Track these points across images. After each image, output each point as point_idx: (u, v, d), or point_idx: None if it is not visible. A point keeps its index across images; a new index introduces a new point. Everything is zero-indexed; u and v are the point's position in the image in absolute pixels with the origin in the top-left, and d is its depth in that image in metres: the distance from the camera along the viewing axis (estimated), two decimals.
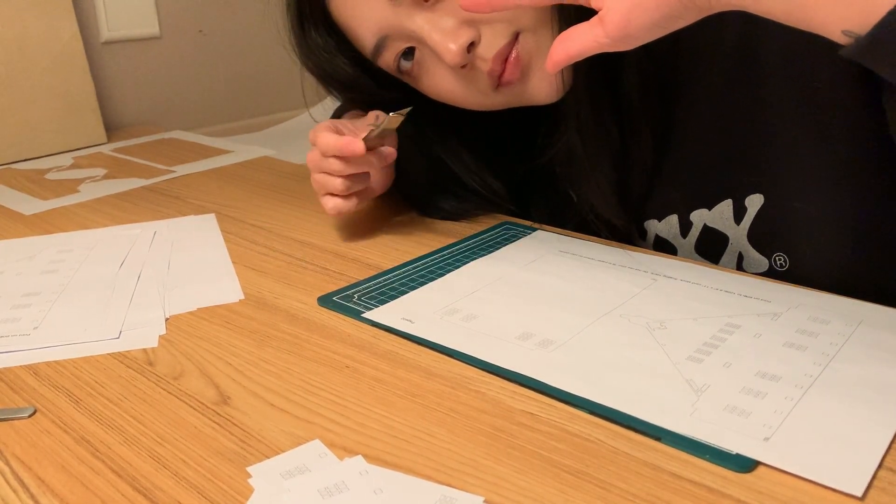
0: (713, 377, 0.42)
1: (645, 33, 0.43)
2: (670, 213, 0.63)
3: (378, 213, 0.73)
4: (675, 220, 0.62)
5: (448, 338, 0.48)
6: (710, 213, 0.60)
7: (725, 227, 0.60)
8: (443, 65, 0.58)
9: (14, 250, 0.68)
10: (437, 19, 0.56)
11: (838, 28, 0.37)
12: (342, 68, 0.65)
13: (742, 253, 0.59)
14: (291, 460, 0.37)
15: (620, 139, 0.61)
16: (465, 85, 0.59)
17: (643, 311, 0.50)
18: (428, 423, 0.40)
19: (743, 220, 0.58)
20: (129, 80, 1.22)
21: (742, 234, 0.59)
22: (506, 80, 0.57)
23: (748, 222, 0.58)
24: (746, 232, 0.58)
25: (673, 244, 0.63)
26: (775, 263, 0.57)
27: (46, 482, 0.37)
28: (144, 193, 0.84)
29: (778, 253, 0.57)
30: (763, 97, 0.56)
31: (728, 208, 0.59)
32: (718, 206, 0.60)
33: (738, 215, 0.59)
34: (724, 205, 0.59)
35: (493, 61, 0.56)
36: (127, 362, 0.47)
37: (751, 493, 0.34)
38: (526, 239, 0.64)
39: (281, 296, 0.56)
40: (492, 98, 0.60)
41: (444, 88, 0.61)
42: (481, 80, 0.58)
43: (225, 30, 1.32)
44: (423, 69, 0.61)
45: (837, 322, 0.47)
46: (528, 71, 0.57)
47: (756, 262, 0.59)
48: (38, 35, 1.05)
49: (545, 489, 0.34)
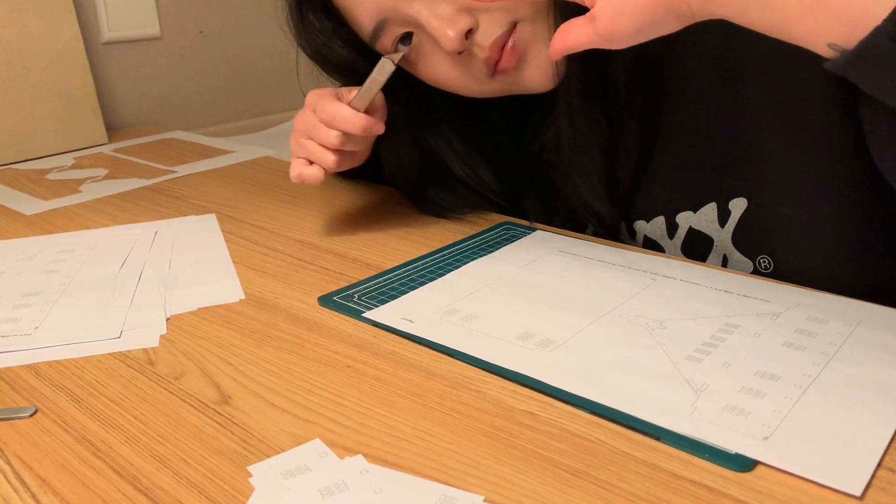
0: (712, 377, 0.42)
1: (629, 37, 0.44)
2: (657, 215, 0.63)
3: (378, 213, 0.73)
4: (662, 221, 0.63)
5: (448, 338, 0.48)
6: (696, 215, 0.61)
7: (710, 229, 0.60)
8: (440, 51, 0.59)
9: (15, 250, 0.68)
10: (436, 5, 0.57)
11: (823, 41, 0.37)
12: (339, 52, 0.65)
13: (727, 255, 0.60)
14: (292, 460, 0.37)
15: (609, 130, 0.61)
16: (461, 71, 0.60)
17: (643, 310, 0.50)
18: (428, 423, 0.40)
19: (727, 223, 0.59)
20: (129, 81, 1.23)
21: (727, 237, 0.59)
22: (501, 67, 0.58)
23: (732, 225, 0.59)
24: (731, 235, 0.59)
25: (661, 245, 0.64)
26: (759, 266, 0.58)
27: (47, 482, 0.37)
28: (145, 193, 0.84)
29: (762, 255, 0.58)
30: (745, 102, 0.57)
31: (712, 211, 0.60)
32: (703, 210, 0.60)
33: (722, 218, 0.59)
34: (709, 208, 0.60)
35: (490, 49, 0.57)
36: (128, 362, 0.48)
37: (750, 492, 0.34)
38: (526, 239, 0.64)
39: (281, 296, 0.56)
40: (487, 85, 0.60)
41: (440, 74, 0.61)
42: (477, 67, 0.59)
43: (225, 30, 1.32)
44: (421, 54, 0.61)
45: (836, 322, 0.47)
46: (524, 60, 0.58)
47: (740, 264, 0.59)
48: (39, 35, 1.05)
49: (545, 489, 0.35)
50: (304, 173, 0.63)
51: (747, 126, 0.57)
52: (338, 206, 0.76)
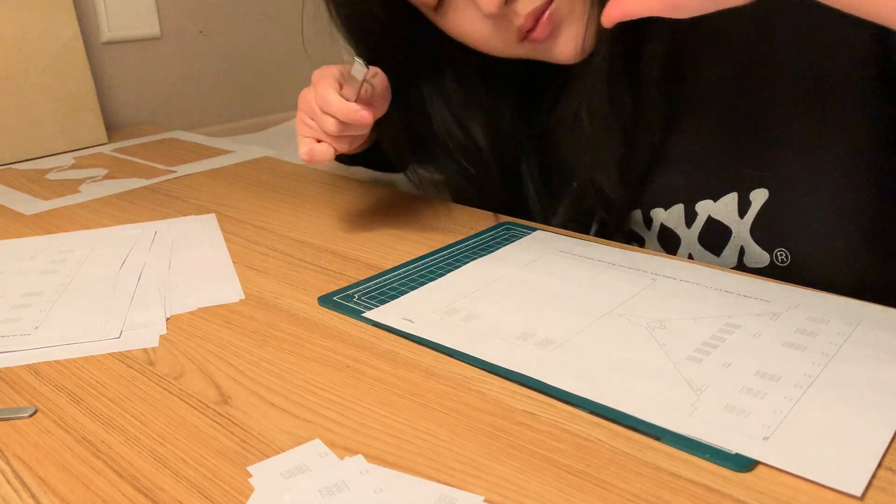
0: (712, 377, 0.42)
1: (698, 7, 0.43)
2: (676, 203, 0.63)
3: (378, 213, 0.73)
4: (681, 209, 0.63)
5: (448, 338, 0.48)
6: (715, 204, 0.60)
7: (729, 220, 0.60)
8: (474, 9, 0.59)
9: (15, 250, 0.68)
10: None
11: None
12: (374, 9, 0.64)
13: (744, 247, 0.59)
14: (292, 460, 0.37)
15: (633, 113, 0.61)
16: (491, 32, 0.60)
17: (643, 311, 0.50)
18: (428, 423, 0.40)
19: (747, 214, 0.59)
20: (129, 81, 1.22)
21: (745, 228, 0.59)
22: (534, 37, 0.58)
23: (752, 216, 0.58)
24: (749, 226, 0.59)
25: (677, 233, 0.64)
26: (776, 258, 0.58)
27: (47, 482, 0.37)
28: (145, 193, 0.84)
29: (780, 248, 0.57)
30: (770, 94, 0.56)
31: (733, 201, 0.59)
32: (723, 199, 0.60)
33: (742, 209, 0.59)
34: (729, 198, 0.60)
35: (527, 18, 0.57)
36: (128, 362, 0.48)
37: (750, 492, 0.34)
38: (526, 239, 0.64)
39: (281, 296, 0.56)
40: (514, 49, 0.61)
41: (468, 30, 0.61)
42: (509, 32, 0.59)
43: (225, 30, 1.32)
44: (453, 7, 0.61)
45: (836, 322, 0.47)
46: (557, 31, 0.58)
47: (757, 256, 0.59)
48: (39, 35, 1.05)
49: (545, 489, 0.35)
50: (315, 150, 0.62)
51: (771, 117, 0.57)
52: (338, 206, 0.76)
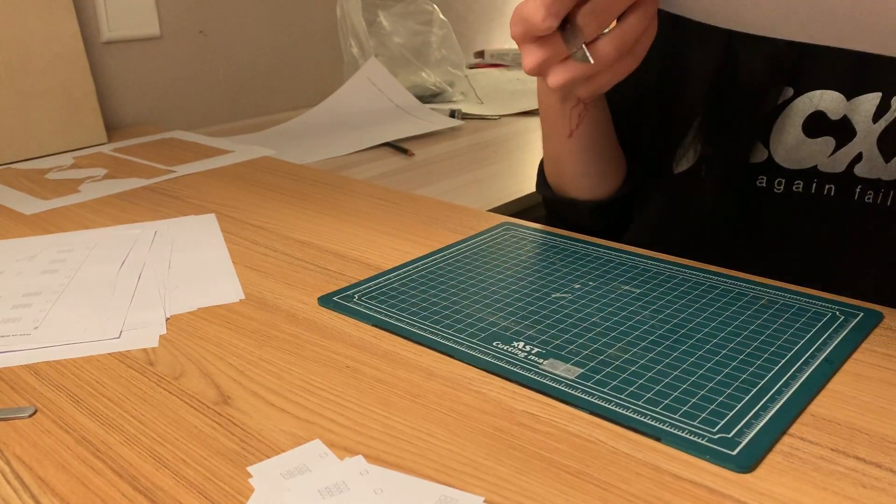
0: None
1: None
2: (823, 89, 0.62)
3: (378, 213, 0.73)
4: (833, 95, 0.61)
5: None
6: (849, 103, 0.60)
7: (858, 120, 0.59)
8: None
9: (14, 250, 0.68)
10: None
11: None
12: None
13: (863, 152, 0.59)
14: (292, 460, 0.37)
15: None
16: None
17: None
18: (428, 424, 0.40)
19: (880, 119, 0.58)
20: (129, 80, 1.22)
21: (874, 135, 0.59)
22: None
23: (883, 124, 0.58)
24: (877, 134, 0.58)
25: (830, 115, 0.62)
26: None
27: (47, 482, 0.37)
28: (145, 193, 0.84)
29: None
30: None
31: (873, 103, 0.59)
32: (865, 97, 0.59)
33: (878, 113, 0.59)
34: (873, 96, 0.59)
35: None
36: (127, 362, 0.48)
37: (751, 493, 0.34)
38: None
39: (281, 296, 0.56)
40: None
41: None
42: None
43: (225, 30, 1.32)
44: None
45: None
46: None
47: (875, 160, 0.58)
48: (39, 35, 1.04)
49: (545, 489, 0.35)
50: (564, 75, 0.49)
51: None
52: (338, 206, 0.76)
